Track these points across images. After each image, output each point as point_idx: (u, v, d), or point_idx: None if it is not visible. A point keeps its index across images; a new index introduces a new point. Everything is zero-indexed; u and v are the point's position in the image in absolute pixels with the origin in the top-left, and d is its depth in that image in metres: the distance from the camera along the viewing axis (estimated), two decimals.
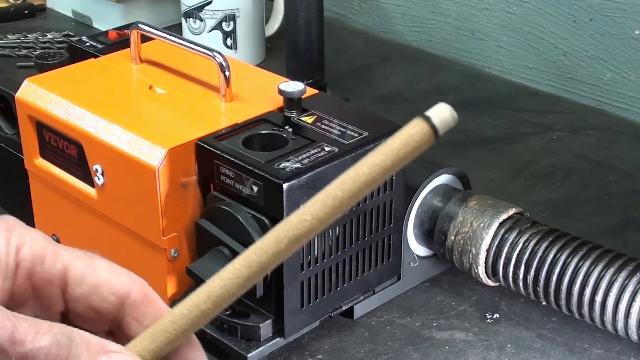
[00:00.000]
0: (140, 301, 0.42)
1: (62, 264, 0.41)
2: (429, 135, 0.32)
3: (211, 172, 0.71)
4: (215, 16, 1.17)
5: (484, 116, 1.09)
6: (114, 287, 0.42)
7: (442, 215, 0.77)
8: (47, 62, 0.87)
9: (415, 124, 0.33)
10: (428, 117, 0.32)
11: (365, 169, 0.34)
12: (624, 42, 1.10)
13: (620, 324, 0.69)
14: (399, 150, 0.33)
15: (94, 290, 0.41)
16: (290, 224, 0.34)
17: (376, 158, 0.33)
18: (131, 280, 0.42)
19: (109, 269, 0.42)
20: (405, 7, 1.32)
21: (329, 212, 0.34)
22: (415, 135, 0.32)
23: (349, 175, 0.34)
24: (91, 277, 0.42)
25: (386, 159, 0.33)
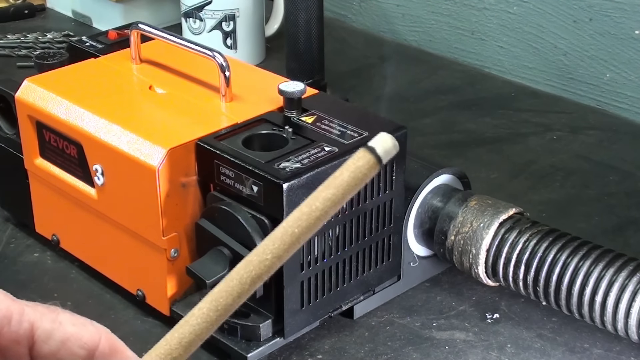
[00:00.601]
0: (108, 351, 0.41)
1: (28, 322, 0.40)
2: (374, 165, 0.34)
3: (211, 172, 0.71)
4: (215, 16, 1.17)
5: (484, 116, 1.09)
6: (82, 340, 0.41)
7: (442, 215, 0.77)
8: (47, 62, 0.87)
9: (361, 155, 0.34)
10: (372, 148, 0.34)
11: (319, 204, 0.35)
12: (624, 42, 1.10)
13: (620, 324, 0.69)
14: (348, 183, 0.34)
15: (62, 345, 0.41)
16: (252, 264, 0.36)
17: (327, 192, 0.34)
18: (97, 330, 0.41)
19: (75, 321, 0.41)
20: (405, 7, 1.32)
21: (287, 249, 0.35)
22: (362, 167, 0.34)
23: (303, 211, 0.35)
24: (58, 332, 0.41)
25: (337, 193, 0.34)
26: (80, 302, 0.79)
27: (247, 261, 0.36)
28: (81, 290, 0.81)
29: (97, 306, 0.79)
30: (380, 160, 0.34)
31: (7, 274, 0.83)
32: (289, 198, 0.67)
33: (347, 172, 0.34)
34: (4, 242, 0.87)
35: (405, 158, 0.74)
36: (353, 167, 0.34)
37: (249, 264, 0.36)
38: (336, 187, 0.35)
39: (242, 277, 0.36)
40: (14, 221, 0.90)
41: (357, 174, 0.34)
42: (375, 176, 0.72)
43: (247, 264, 0.36)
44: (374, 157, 0.34)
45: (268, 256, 0.36)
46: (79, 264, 0.83)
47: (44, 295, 0.80)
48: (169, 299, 0.74)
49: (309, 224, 0.35)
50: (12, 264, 0.84)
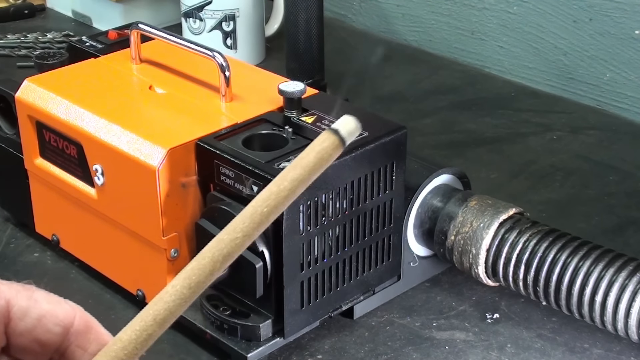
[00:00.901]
0: (83, 329, 0.42)
1: (4, 299, 0.41)
2: (338, 146, 0.36)
3: (211, 172, 0.71)
4: (215, 16, 1.17)
5: (484, 116, 1.09)
6: (58, 317, 0.41)
7: (442, 215, 0.77)
8: (47, 62, 0.87)
9: (326, 137, 0.36)
10: (336, 130, 0.36)
11: (287, 183, 0.36)
12: (624, 42, 1.10)
13: (620, 324, 0.69)
14: (314, 163, 0.36)
15: (38, 323, 0.41)
16: (223, 242, 0.37)
17: (295, 172, 0.36)
18: (72, 308, 0.42)
19: (50, 299, 0.42)
20: (405, 7, 1.32)
21: (257, 227, 0.37)
22: (328, 147, 0.36)
23: (272, 190, 0.37)
24: (34, 310, 0.41)
25: (304, 172, 0.36)
26: (80, 302, 0.78)
27: (219, 239, 0.37)
28: (81, 290, 0.81)
29: (97, 306, 0.79)
30: (343, 141, 0.36)
31: (7, 274, 0.83)
32: None
33: (313, 152, 0.36)
34: (4, 242, 0.87)
35: (405, 158, 0.74)
36: (319, 147, 0.36)
37: (221, 242, 0.37)
38: (303, 167, 0.36)
39: (214, 255, 0.37)
40: (14, 221, 0.90)
41: (323, 154, 0.36)
42: (376, 176, 0.72)
43: (218, 242, 0.37)
44: (338, 139, 0.36)
45: (239, 234, 0.37)
46: (79, 264, 0.83)
47: None
48: None
49: (277, 202, 0.37)
50: (12, 264, 0.84)
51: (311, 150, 0.36)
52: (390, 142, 0.73)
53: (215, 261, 0.37)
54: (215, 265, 0.37)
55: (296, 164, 0.36)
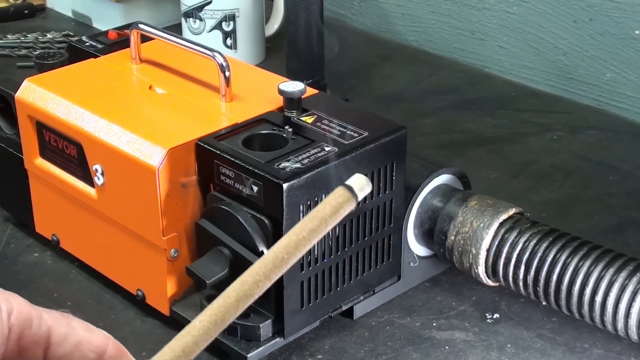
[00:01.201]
0: (116, 355, 0.45)
1: (46, 326, 0.43)
2: (351, 202, 0.41)
3: (211, 172, 0.71)
4: (215, 16, 1.17)
5: (484, 116, 1.09)
6: (94, 344, 0.44)
7: (442, 215, 0.77)
8: (47, 62, 0.87)
9: (341, 193, 0.41)
10: (350, 187, 0.41)
11: (305, 234, 0.41)
12: (624, 42, 1.10)
13: (620, 324, 0.69)
14: (330, 217, 0.41)
15: (75, 348, 0.44)
16: (247, 284, 0.42)
17: (313, 224, 0.41)
18: (106, 337, 0.45)
19: (86, 327, 0.45)
20: (405, 7, 1.32)
21: (277, 271, 0.42)
22: (342, 203, 0.41)
23: (292, 239, 0.41)
24: (72, 336, 0.44)
25: (320, 225, 0.41)
26: (80, 302, 0.79)
27: (243, 281, 0.42)
28: (81, 290, 0.81)
29: (97, 306, 0.79)
30: (356, 196, 0.41)
31: (7, 274, 0.83)
32: (289, 198, 0.67)
33: (329, 207, 0.41)
34: (4, 242, 0.87)
35: (405, 158, 0.74)
36: (334, 202, 0.41)
37: (244, 283, 0.42)
38: (320, 219, 0.41)
39: (239, 295, 0.42)
40: (14, 221, 0.90)
41: (338, 209, 0.41)
42: (376, 176, 0.72)
43: (242, 283, 0.42)
44: (352, 195, 0.41)
45: (261, 277, 0.42)
46: (79, 264, 0.83)
47: (44, 295, 0.80)
48: (169, 299, 0.74)
49: (296, 250, 0.41)
50: (12, 264, 0.84)
51: (327, 205, 0.41)
52: (390, 142, 0.73)
53: (239, 300, 0.42)
54: (239, 304, 0.42)
55: (314, 217, 0.41)
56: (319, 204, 0.41)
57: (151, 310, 0.76)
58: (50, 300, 0.79)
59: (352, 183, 0.41)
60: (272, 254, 0.41)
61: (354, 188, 0.41)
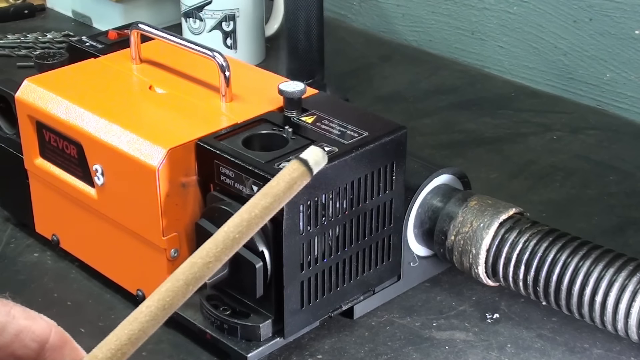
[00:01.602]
0: (59, 344, 0.43)
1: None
2: (306, 176, 0.38)
3: (211, 172, 0.71)
4: (215, 16, 1.17)
5: (484, 116, 1.09)
6: (35, 333, 0.42)
7: (442, 215, 0.77)
8: (47, 62, 0.87)
9: (296, 167, 0.38)
10: (305, 160, 0.38)
11: (257, 211, 0.38)
12: (624, 42, 1.10)
13: (620, 324, 0.69)
14: (284, 192, 0.38)
15: (15, 338, 0.42)
16: (196, 265, 0.39)
17: (265, 201, 0.38)
18: (48, 324, 0.43)
19: (27, 315, 0.43)
20: (405, 7, 1.32)
21: (227, 251, 0.39)
22: (297, 178, 0.38)
23: (243, 217, 0.38)
24: (11, 325, 0.42)
25: (273, 201, 0.38)
26: (80, 302, 0.79)
27: (192, 263, 0.39)
28: (81, 290, 0.81)
29: (97, 306, 0.79)
30: (311, 170, 0.38)
31: (7, 274, 0.83)
32: None
33: (283, 182, 0.38)
34: (4, 242, 0.87)
35: (405, 158, 0.74)
36: (288, 177, 0.38)
37: (194, 265, 0.39)
38: (273, 196, 0.38)
39: (187, 278, 0.39)
40: (14, 221, 0.90)
41: (292, 184, 0.38)
42: (376, 176, 0.72)
43: (192, 265, 0.39)
44: (307, 169, 0.38)
45: (211, 259, 0.39)
46: (79, 264, 0.83)
47: (44, 295, 0.80)
48: None
49: (248, 229, 0.39)
50: (12, 264, 0.84)
51: (281, 180, 0.38)
52: (390, 142, 0.73)
53: (188, 284, 0.39)
54: (188, 288, 0.39)
55: (266, 193, 0.38)
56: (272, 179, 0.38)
57: None
58: (50, 300, 0.79)
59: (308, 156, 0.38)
60: (222, 234, 0.38)
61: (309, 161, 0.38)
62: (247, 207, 0.38)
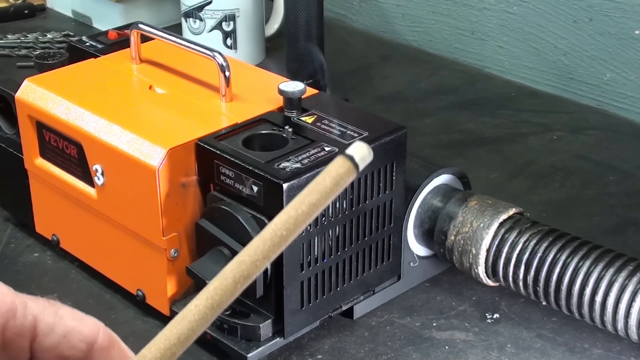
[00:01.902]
0: (107, 345, 0.42)
1: (32, 315, 0.41)
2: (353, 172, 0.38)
3: (211, 172, 0.71)
4: (215, 16, 1.17)
5: (484, 116, 1.09)
6: (83, 334, 0.42)
7: (442, 215, 0.77)
8: (47, 62, 0.87)
9: (342, 163, 0.37)
10: (351, 156, 0.37)
11: (304, 207, 0.38)
12: (624, 42, 1.10)
13: (620, 324, 0.69)
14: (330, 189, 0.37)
15: (63, 339, 0.41)
16: (244, 264, 0.38)
17: (312, 197, 0.38)
18: (96, 325, 0.42)
19: (74, 316, 0.42)
20: (405, 7, 1.32)
21: (276, 250, 0.38)
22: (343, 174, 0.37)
23: (290, 214, 0.38)
24: (59, 326, 0.41)
25: (320, 198, 0.38)
26: (80, 302, 0.79)
27: (240, 261, 0.38)
28: (81, 290, 0.81)
29: (97, 306, 0.79)
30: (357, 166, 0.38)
31: (7, 274, 0.83)
32: (289, 198, 0.67)
33: (329, 178, 0.37)
34: (4, 242, 0.87)
35: (405, 158, 0.74)
36: (335, 173, 0.37)
37: (242, 263, 0.38)
38: (320, 192, 0.37)
39: (236, 277, 0.38)
40: (14, 221, 0.90)
41: (339, 180, 0.37)
42: (376, 176, 0.72)
43: (239, 263, 0.38)
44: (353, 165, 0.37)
45: (259, 256, 0.38)
46: (79, 264, 0.83)
47: (44, 295, 0.79)
48: (169, 299, 0.74)
49: (295, 226, 0.38)
50: (12, 264, 0.84)
51: (327, 176, 0.37)
52: (390, 142, 0.73)
53: (236, 282, 0.38)
54: (236, 286, 0.38)
55: (313, 189, 0.37)
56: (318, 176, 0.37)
57: (151, 310, 0.76)
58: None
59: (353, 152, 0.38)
60: (270, 231, 0.38)
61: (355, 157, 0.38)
62: (293, 204, 0.38)
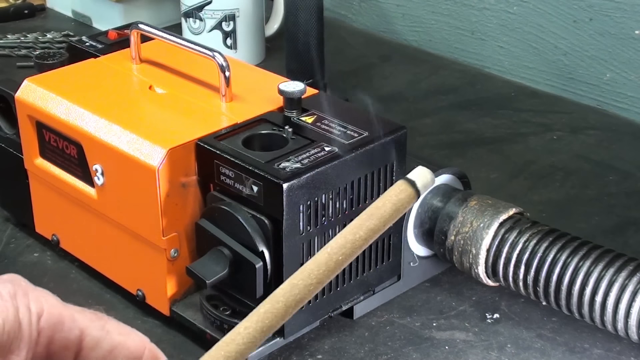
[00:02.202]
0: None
1: (78, 329, 0.41)
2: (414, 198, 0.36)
3: (211, 172, 0.71)
4: (215, 16, 1.17)
5: (484, 116, 1.09)
6: (129, 349, 0.41)
7: (442, 215, 0.77)
8: (47, 62, 0.87)
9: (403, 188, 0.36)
10: (413, 182, 0.36)
11: (362, 233, 0.36)
12: (624, 42, 1.10)
13: (620, 324, 0.69)
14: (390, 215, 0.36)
15: (109, 354, 0.41)
16: (297, 287, 0.37)
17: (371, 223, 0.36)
18: (142, 340, 0.42)
19: (121, 330, 0.42)
20: (405, 7, 1.32)
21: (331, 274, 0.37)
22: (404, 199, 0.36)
23: (348, 239, 0.36)
24: (106, 341, 0.41)
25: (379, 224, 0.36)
26: (80, 302, 0.78)
27: (293, 284, 0.37)
28: (81, 290, 0.81)
29: (97, 306, 0.79)
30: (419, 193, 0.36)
31: None
32: (289, 198, 0.67)
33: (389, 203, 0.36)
34: (4, 242, 0.87)
35: (405, 158, 0.74)
36: (395, 199, 0.36)
37: (295, 287, 0.37)
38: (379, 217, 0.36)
39: (288, 300, 0.37)
40: (14, 221, 0.90)
41: (399, 206, 0.36)
42: (376, 176, 0.72)
43: (292, 287, 0.37)
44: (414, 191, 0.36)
45: (313, 281, 0.37)
46: (79, 264, 0.83)
47: None
48: (169, 299, 0.74)
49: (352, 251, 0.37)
50: (12, 264, 0.84)
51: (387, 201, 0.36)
52: (390, 142, 0.73)
53: (288, 306, 0.37)
54: (287, 310, 0.37)
55: (372, 214, 0.36)
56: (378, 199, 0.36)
57: (151, 310, 0.76)
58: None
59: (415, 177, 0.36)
60: (325, 255, 0.37)
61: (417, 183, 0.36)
62: (351, 227, 0.36)
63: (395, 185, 0.36)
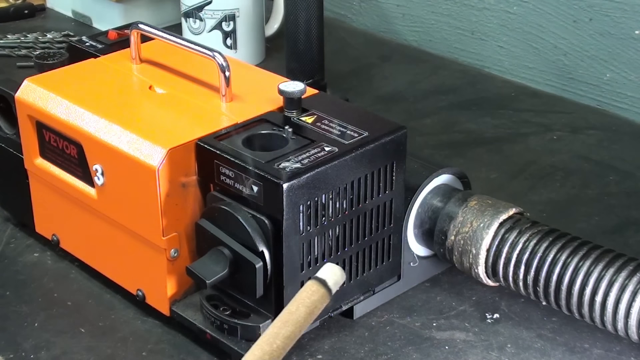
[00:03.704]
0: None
1: None
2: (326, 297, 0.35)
3: (211, 172, 0.71)
4: (215, 16, 1.17)
5: (484, 116, 1.09)
6: None
7: (442, 215, 0.77)
8: (47, 62, 0.87)
9: (315, 289, 0.36)
10: (324, 281, 0.35)
11: (279, 342, 0.36)
12: (624, 42, 1.10)
13: (620, 324, 0.69)
14: (305, 318, 0.36)
15: None
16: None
17: (286, 330, 0.36)
18: None
19: None
20: (405, 7, 1.32)
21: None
22: (317, 301, 0.36)
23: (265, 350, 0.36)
24: None
25: (295, 329, 0.36)
26: (80, 302, 0.79)
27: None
28: (81, 290, 0.81)
29: (97, 306, 0.79)
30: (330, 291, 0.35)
31: (7, 274, 0.83)
32: (289, 198, 0.67)
33: (302, 307, 0.35)
34: (4, 242, 0.87)
35: (405, 158, 0.74)
36: (308, 301, 0.35)
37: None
38: (294, 323, 0.36)
39: None
40: (14, 221, 0.90)
41: (312, 308, 0.36)
42: (376, 176, 0.72)
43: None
44: (326, 290, 0.35)
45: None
46: (79, 264, 0.83)
47: (44, 295, 0.80)
48: (169, 299, 0.74)
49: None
50: (12, 264, 0.84)
51: (301, 305, 0.35)
52: (390, 142, 0.73)
53: None
54: None
55: (286, 320, 0.35)
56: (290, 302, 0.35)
57: (151, 310, 0.76)
58: (50, 300, 0.79)
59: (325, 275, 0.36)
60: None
61: (327, 282, 0.36)
62: (266, 337, 0.35)
63: (307, 286, 0.35)
